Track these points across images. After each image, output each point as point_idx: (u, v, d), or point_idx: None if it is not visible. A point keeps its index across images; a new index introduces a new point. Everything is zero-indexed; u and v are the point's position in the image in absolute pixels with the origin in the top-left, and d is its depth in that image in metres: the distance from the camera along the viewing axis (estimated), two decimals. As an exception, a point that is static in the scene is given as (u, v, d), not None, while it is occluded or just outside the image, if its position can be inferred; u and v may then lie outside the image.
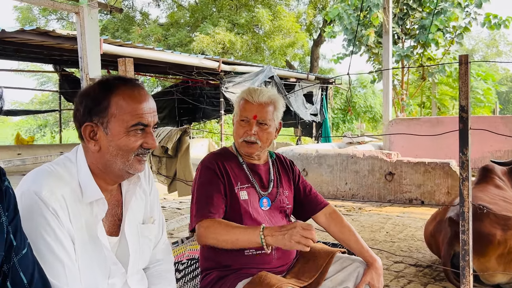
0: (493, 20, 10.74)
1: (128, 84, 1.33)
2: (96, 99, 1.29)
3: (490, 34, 39.48)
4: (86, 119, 1.29)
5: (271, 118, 1.89)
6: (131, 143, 1.30)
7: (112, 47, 6.87)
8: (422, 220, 5.35)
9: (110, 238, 1.36)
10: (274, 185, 1.95)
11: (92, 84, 1.34)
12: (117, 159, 1.31)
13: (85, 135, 1.29)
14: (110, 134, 1.29)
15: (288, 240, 1.53)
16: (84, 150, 1.34)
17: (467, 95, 2.13)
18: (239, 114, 1.90)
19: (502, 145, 7.31)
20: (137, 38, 19.12)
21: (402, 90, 11.68)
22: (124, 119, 1.29)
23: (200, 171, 1.88)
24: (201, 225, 1.72)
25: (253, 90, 1.90)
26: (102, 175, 1.34)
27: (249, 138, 1.87)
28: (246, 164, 1.93)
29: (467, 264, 2.13)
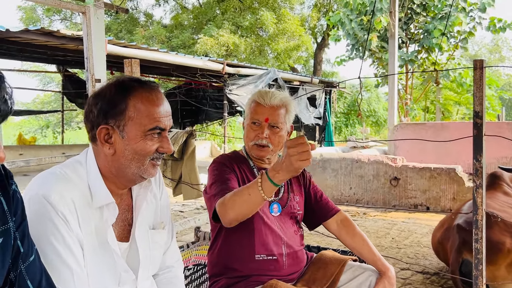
0: (498, 24, 10.72)
1: (145, 87, 1.29)
2: (112, 101, 1.25)
3: (493, 40, 39.50)
4: (101, 121, 1.25)
5: (283, 121, 1.85)
6: (148, 147, 1.26)
7: (116, 48, 6.85)
8: (428, 226, 5.30)
9: (120, 243, 1.31)
10: (284, 190, 1.91)
11: (108, 85, 1.29)
12: (132, 163, 1.27)
13: (100, 138, 1.25)
14: (126, 138, 1.25)
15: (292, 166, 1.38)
16: (95, 152, 1.30)
17: (482, 101, 2.09)
18: (250, 116, 1.85)
19: (508, 151, 7.25)
20: (140, 39, 19.12)
21: (406, 94, 11.64)
22: (142, 123, 1.25)
23: (213, 167, 1.83)
24: (218, 205, 1.60)
25: (265, 93, 1.86)
26: (113, 179, 1.30)
27: (260, 142, 1.82)
28: (256, 168, 1.89)
29: (481, 273, 2.08)
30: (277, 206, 1.86)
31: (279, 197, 1.88)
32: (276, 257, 1.77)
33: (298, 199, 1.94)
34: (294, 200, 1.92)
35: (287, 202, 1.89)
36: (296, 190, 1.96)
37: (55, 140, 20.59)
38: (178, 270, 1.54)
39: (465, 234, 3.11)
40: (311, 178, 2.07)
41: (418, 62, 11.44)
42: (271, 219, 1.82)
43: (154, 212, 1.44)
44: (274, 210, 1.85)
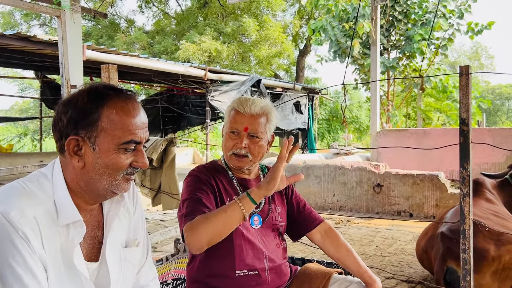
0: (475, 28, 10.94)
1: (121, 96, 1.18)
2: (84, 111, 1.14)
3: (472, 47, 40.30)
4: (71, 131, 1.14)
5: (263, 131, 1.76)
6: (121, 162, 1.17)
7: (95, 54, 6.70)
8: (412, 233, 5.27)
9: (89, 264, 1.21)
10: (265, 201, 1.82)
11: (80, 92, 1.18)
12: (103, 178, 1.17)
13: (69, 149, 1.15)
14: (97, 150, 1.15)
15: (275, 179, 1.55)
16: (63, 165, 1.19)
17: (468, 107, 2.04)
18: (229, 125, 1.76)
19: (489, 157, 7.31)
20: (121, 45, 18.91)
21: (388, 101, 11.71)
22: (116, 135, 1.15)
23: (188, 181, 1.74)
24: (185, 231, 1.54)
25: (245, 100, 1.77)
26: (82, 194, 1.19)
27: (239, 151, 1.74)
28: (236, 179, 1.80)
29: (469, 284, 2.03)
30: (258, 218, 1.78)
31: (259, 209, 1.79)
32: (257, 272, 1.68)
33: (280, 210, 1.86)
34: (276, 211, 1.84)
35: (268, 214, 1.80)
36: (277, 200, 1.88)
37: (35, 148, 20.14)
38: (154, 289, 1.44)
39: (449, 242, 3.08)
40: (294, 187, 1.99)
41: (400, 68, 11.55)
42: (251, 232, 1.74)
43: (127, 228, 1.34)
44: (255, 223, 1.77)
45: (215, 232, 1.51)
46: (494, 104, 37.94)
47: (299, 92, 12.30)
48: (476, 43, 39.24)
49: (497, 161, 7.16)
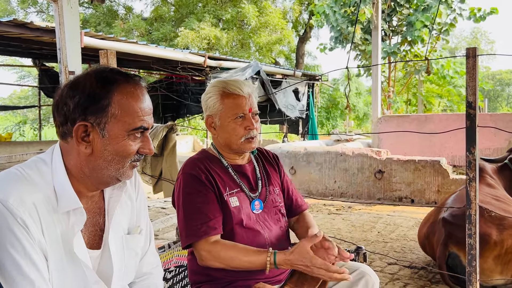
0: (478, 13, 10.81)
1: (130, 81, 1.15)
2: (93, 96, 1.10)
3: (472, 33, 40.06)
4: (78, 116, 1.10)
5: (257, 106, 1.76)
6: (130, 148, 1.14)
7: (94, 41, 6.62)
8: (413, 219, 5.26)
9: (91, 251, 1.18)
10: (262, 184, 1.79)
11: (87, 76, 1.13)
12: (111, 165, 1.14)
13: (77, 135, 1.11)
14: (107, 137, 1.12)
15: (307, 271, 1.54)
16: (63, 150, 1.15)
17: (475, 91, 2.00)
18: (233, 112, 1.68)
19: (491, 143, 7.28)
20: (119, 32, 18.74)
21: (389, 87, 11.64)
22: (126, 121, 1.12)
23: (183, 180, 1.68)
24: (202, 248, 1.58)
25: (235, 82, 1.72)
26: (84, 180, 1.16)
27: (252, 134, 1.70)
28: (231, 166, 1.76)
29: (474, 270, 2.01)
30: (258, 203, 1.75)
31: (258, 192, 1.76)
32: None
33: (277, 191, 1.84)
34: (274, 192, 1.82)
35: (267, 196, 1.78)
36: (274, 181, 1.85)
37: (34, 137, 20.10)
38: (157, 277, 1.41)
39: (451, 227, 3.07)
40: (283, 169, 1.96)
41: (401, 54, 11.45)
42: (253, 218, 1.71)
43: (129, 215, 1.31)
44: (256, 207, 1.74)
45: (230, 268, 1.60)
46: (495, 90, 37.84)
47: (299, 79, 12.22)
48: (475, 29, 39.03)
49: (499, 147, 7.13)
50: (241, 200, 1.70)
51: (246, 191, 1.73)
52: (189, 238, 1.60)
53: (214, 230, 1.59)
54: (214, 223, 1.60)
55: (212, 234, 1.58)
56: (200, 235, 1.58)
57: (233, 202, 1.68)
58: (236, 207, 1.67)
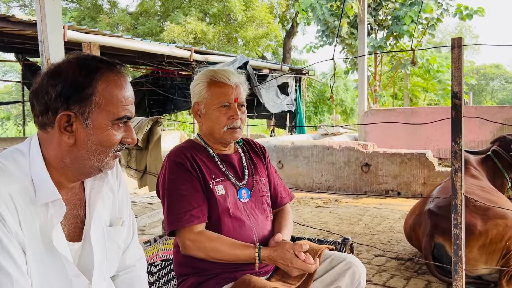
0: (465, 11, 10.86)
1: (113, 69, 1.13)
2: (77, 85, 1.07)
3: (456, 27, 40.43)
4: (61, 106, 1.06)
5: (244, 97, 1.75)
6: (114, 138, 1.12)
7: (77, 34, 6.52)
8: (400, 211, 5.30)
9: (71, 244, 1.15)
10: (249, 173, 1.78)
11: (68, 64, 1.09)
12: (94, 156, 1.11)
13: (60, 125, 1.07)
14: (91, 127, 1.09)
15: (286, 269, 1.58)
16: (42, 140, 1.12)
17: (460, 81, 2.01)
18: (217, 100, 1.69)
19: (476, 135, 7.36)
20: (104, 27, 18.52)
21: (375, 81, 11.69)
22: (110, 111, 1.10)
23: (168, 167, 1.67)
24: (186, 237, 1.57)
25: (223, 71, 1.71)
26: (64, 171, 1.12)
27: (235, 124, 1.69)
28: (217, 155, 1.75)
29: (460, 259, 2.02)
30: (245, 192, 1.74)
31: (245, 181, 1.74)
32: None
33: (264, 180, 1.83)
34: (261, 182, 1.81)
35: (253, 185, 1.77)
36: (261, 171, 1.84)
37: (18, 133, 19.78)
38: (140, 270, 1.38)
39: (436, 218, 3.09)
40: (270, 160, 1.95)
41: (387, 48, 11.50)
42: (240, 207, 1.69)
43: (110, 207, 1.28)
44: (243, 196, 1.73)
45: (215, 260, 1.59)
46: (479, 84, 38.29)
47: (286, 73, 12.20)
48: (460, 23, 39.39)
49: (484, 139, 7.20)
50: (227, 189, 1.69)
51: (233, 180, 1.72)
52: (172, 225, 1.59)
53: (198, 219, 1.57)
54: (198, 211, 1.58)
55: (195, 223, 1.57)
56: (183, 223, 1.57)
57: (219, 191, 1.66)
58: (222, 195, 1.66)
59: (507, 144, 3.76)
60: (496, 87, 42.25)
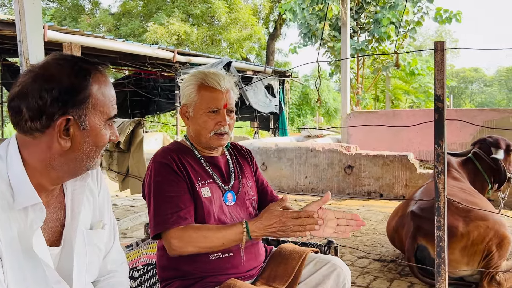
0: (444, 14, 11.03)
1: (101, 70, 1.12)
2: (73, 89, 1.05)
3: (437, 31, 41.07)
4: (58, 111, 1.04)
5: (234, 103, 1.72)
6: (106, 138, 1.13)
7: (58, 35, 6.41)
8: (382, 213, 5.34)
9: (51, 249, 1.11)
10: (235, 176, 1.76)
11: (59, 66, 1.06)
12: (88, 157, 1.11)
13: (60, 130, 1.05)
14: (87, 129, 1.09)
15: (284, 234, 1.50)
16: (24, 144, 1.07)
17: (443, 84, 2.02)
18: (207, 105, 1.65)
19: (456, 138, 7.47)
20: (86, 27, 18.29)
21: (358, 84, 11.79)
22: (103, 111, 1.11)
23: (154, 169, 1.64)
24: (172, 236, 1.53)
25: (215, 75, 1.68)
26: (49, 173, 1.09)
27: (222, 130, 1.66)
28: (203, 158, 1.72)
29: (443, 261, 2.03)
30: (231, 195, 1.72)
31: (231, 185, 1.72)
32: (232, 254, 1.63)
33: (250, 184, 1.81)
34: (247, 185, 1.79)
35: (239, 188, 1.75)
36: (247, 174, 1.82)
37: (-4, 135, 19.34)
38: (122, 275, 1.35)
39: (419, 220, 3.12)
40: (256, 163, 1.94)
41: (369, 51, 11.61)
42: (225, 211, 1.67)
43: (91, 210, 1.25)
44: (229, 199, 1.71)
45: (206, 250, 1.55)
46: (459, 87, 39.00)
47: (270, 75, 12.22)
48: (440, 27, 40.05)
49: (464, 141, 7.31)
50: (213, 191, 1.67)
51: (219, 182, 1.70)
52: (158, 227, 1.55)
53: (185, 220, 1.55)
54: (185, 213, 1.56)
55: (182, 225, 1.54)
56: (170, 224, 1.53)
57: (205, 193, 1.64)
58: (208, 197, 1.64)
59: (487, 146, 3.81)
60: (475, 90, 43.09)
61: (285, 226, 1.48)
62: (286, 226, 1.47)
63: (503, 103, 38.17)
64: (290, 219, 1.47)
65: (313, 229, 1.48)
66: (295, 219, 1.47)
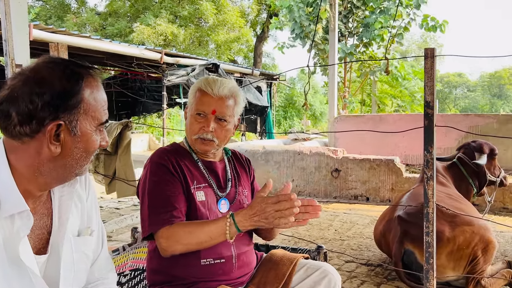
0: (430, 22, 11.15)
1: (93, 74, 1.10)
2: (65, 93, 1.02)
3: (421, 37, 41.58)
4: (49, 115, 1.01)
5: (231, 114, 1.68)
6: (96, 143, 1.11)
7: (43, 34, 6.33)
8: (369, 217, 5.37)
9: (37, 257, 1.08)
10: (232, 184, 1.75)
11: (49, 70, 1.03)
12: (78, 163, 1.09)
13: (50, 136, 1.02)
14: (78, 135, 1.06)
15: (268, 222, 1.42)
16: (11, 149, 1.04)
17: (433, 91, 2.04)
18: (195, 107, 1.66)
19: (442, 143, 7.55)
20: (72, 26, 18.08)
21: (345, 87, 11.86)
22: (95, 116, 1.08)
23: (150, 169, 1.63)
24: (161, 236, 1.51)
25: (212, 81, 1.68)
26: (37, 179, 1.06)
27: (205, 135, 1.65)
28: (201, 161, 1.71)
29: (432, 267, 2.04)
30: (225, 202, 1.70)
31: (226, 192, 1.71)
32: (224, 260, 1.61)
33: (246, 193, 1.79)
34: (243, 194, 1.77)
35: (235, 197, 1.73)
36: (244, 183, 1.81)
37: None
38: (112, 282, 1.33)
39: (406, 225, 3.14)
40: (254, 172, 1.93)
41: (357, 55, 11.69)
42: (218, 216, 1.65)
43: (79, 216, 1.22)
44: (222, 207, 1.69)
45: (194, 247, 1.51)
46: (443, 92, 39.54)
47: (257, 78, 12.23)
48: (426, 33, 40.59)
49: (449, 146, 7.40)
50: (208, 196, 1.65)
51: (214, 188, 1.68)
52: (152, 227, 1.53)
53: (178, 219, 1.53)
54: (178, 212, 1.55)
55: (174, 223, 1.52)
56: (163, 223, 1.52)
57: (199, 196, 1.63)
58: (202, 201, 1.63)
59: (471, 151, 3.85)
60: (458, 95, 43.72)
61: (266, 213, 1.42)
62: (267, 212, 1.42)
63: (486, 108, 38.82)
64: (269, 205, 1.42)
65: (293, 213, 1.41)
66: (274, 204, 1.41)
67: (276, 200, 1.42)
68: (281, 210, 1.41)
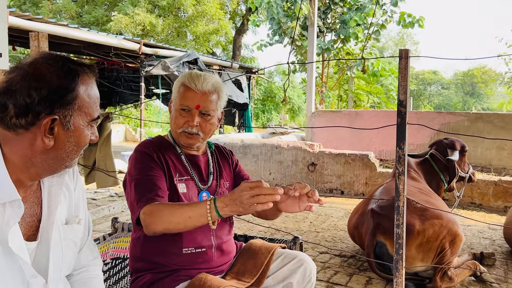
0: (408, 19, 11.36)
1: (88, 72, 1.15)
2: (61, 89, 1.07)
3: (398, 33, 42.23)
4: (44, 109, 1.05)
5: (215, 108, 1.74)
6: (87, 138, 1.16)
7: (20, 21, 6.20)
8: (343, 210, 5.51)
9: (28, 243, 1.12)
10: (214, 177, 1.81)
11: (47, 66, 1.08)
12: (69, 156, 1.14)
13: (45, 129, 1.06)
14: (72, 129, 1.11)
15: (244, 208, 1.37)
16: (5, 139, 1.08)
17: (406, 90, 2.14)
18: (179, 102, 1.71)
19: (415, 139, 7.78)
20: (47, 13, 17.67)
21: (322, 82, 12.01)
22: (88, 112, 1.14)
23: (136, 158, 1.68)
24: (145, 212, 1.52)
25: (196, 76, 1.72)
26: (28, 169, 1.10)
27: (190, 130, 1.70)
28: (184, 155, 1.77)
29: (401, 257, 2.15)
30: (206, 195, 1.76)
31: (208, 185, 1.77)
32: (205, 249, 1.68)
33: (228, 185, 1.85)
34: (224, 186, 1.83)
35: (216, 190, 1.79)
36: (226, 175, 1.87)
37: None
38: (97, 269, 1.38)
39: (379, 218, 3.26)
40: (238, 161, 1.98)
41: (334, 51, 11.84)
42: None
43: (67, 205, 1.26)
44: (204, 199, 1.75)
45: (175, 226, 1.48)
46: (418, 89, 40.30)
47: (236, 71, 12.25)
48: (402, 30, 41.21)
49: (422, 142, 7.63)
50: (189, 188, 1.71)
51: (196, 181, 1.74)
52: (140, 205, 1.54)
53: (162, 199, 1.57)
54: (162, 192, 1.59)
55: (156, 201, 1.54)
56: (147, 200, 1.53)
57: (181, 188, 1.68)
58: (184, 193, 1.68)
59: (443, 148, 4.00)
60: (433, 92, 44.62)
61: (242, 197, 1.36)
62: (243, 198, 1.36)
63: (458, 106, 39.79)
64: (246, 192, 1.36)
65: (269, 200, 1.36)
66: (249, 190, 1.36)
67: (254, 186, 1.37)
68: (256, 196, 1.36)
